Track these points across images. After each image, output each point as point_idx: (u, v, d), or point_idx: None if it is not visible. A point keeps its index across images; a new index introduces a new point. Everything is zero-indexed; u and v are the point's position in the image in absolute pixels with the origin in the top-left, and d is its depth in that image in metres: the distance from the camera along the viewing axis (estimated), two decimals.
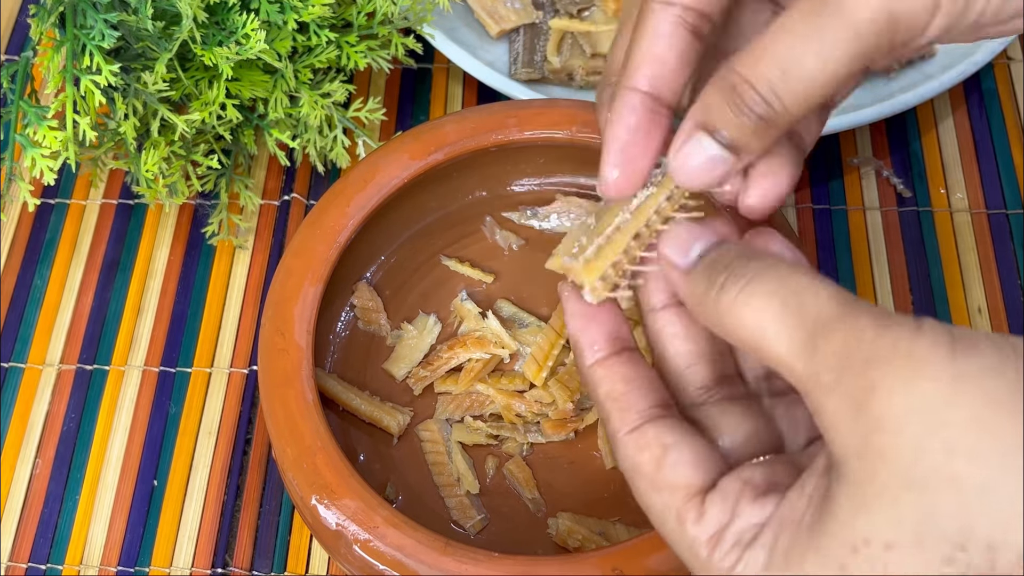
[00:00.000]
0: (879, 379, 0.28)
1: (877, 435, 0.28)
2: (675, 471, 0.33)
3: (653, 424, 0.34)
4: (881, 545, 0.28)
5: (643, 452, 0.34)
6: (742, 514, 0.32)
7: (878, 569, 0.28)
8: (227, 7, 0.51)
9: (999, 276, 0.56)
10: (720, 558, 0.32)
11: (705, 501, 0.33)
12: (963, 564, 0.27)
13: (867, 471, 0.28)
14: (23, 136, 0.50)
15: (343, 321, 0.52)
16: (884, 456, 0.28)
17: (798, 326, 0.30)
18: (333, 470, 0.43)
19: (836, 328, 0.29)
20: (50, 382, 0.54)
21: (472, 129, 0.52)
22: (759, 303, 0.31)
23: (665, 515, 0.33)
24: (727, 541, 0.32)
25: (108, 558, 0.50)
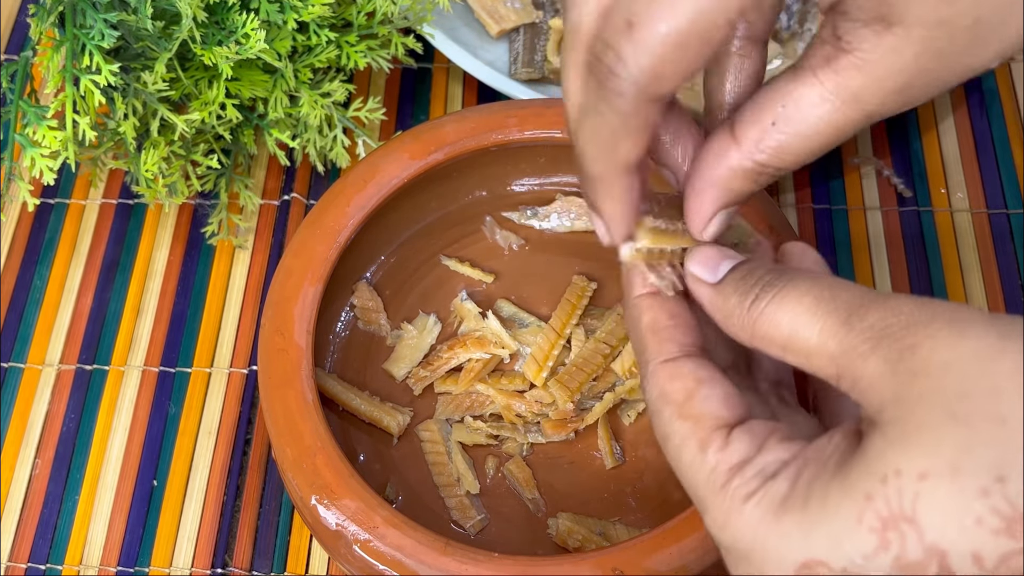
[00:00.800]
0: (921, 340, 0.28)
1: (919, 380, 0.28)
2: (706, 403, 0.33)
3: (690, 359, 0.35)
4: (914, 475, 0.27)
5: (675, 381, 0.34)
6: (768, 449, 0.32)
7: (907, 498, 0.27)
8: (227, 7, 0.51)
9: (1000, 276, 0.56)
10: (739, 485, 0.31)
11: (731, 434, 0.32)
12: (999, 496, 0.26)
13: (905, 411, 0.28)
14: (23, 136, 0.50)
15: (343, 321, 0.52)
16: (924, 397, 0.28)
17: (832, 311, 0.31)
18: (333, 470, 0.43)
19: (872, 307, 0.30)
20: (49, 382, 0.54)
21: (472, 129, 0.52)
22: (793, 303, 0.32)
23: (686, 443, 0.33)
24: (749, 471, 0.31)
25: (108, 558, 0.50)
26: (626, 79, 0.32)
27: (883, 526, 0.28)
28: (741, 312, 0.34)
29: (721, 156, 0.35)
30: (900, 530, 0.28)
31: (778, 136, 0.34)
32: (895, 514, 0.28)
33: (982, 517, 0.27)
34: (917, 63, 0.32)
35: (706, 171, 0.35)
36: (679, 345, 0.35)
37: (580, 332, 0.51)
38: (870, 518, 0.28)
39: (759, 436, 0.32)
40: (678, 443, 0.33)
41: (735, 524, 0.31)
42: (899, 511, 0.28)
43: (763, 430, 0.32)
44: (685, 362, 0.35)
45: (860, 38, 0.32)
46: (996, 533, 0.27)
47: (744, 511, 0.31)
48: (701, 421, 0.33)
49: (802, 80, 0.33)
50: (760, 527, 0.30)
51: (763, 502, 0.31)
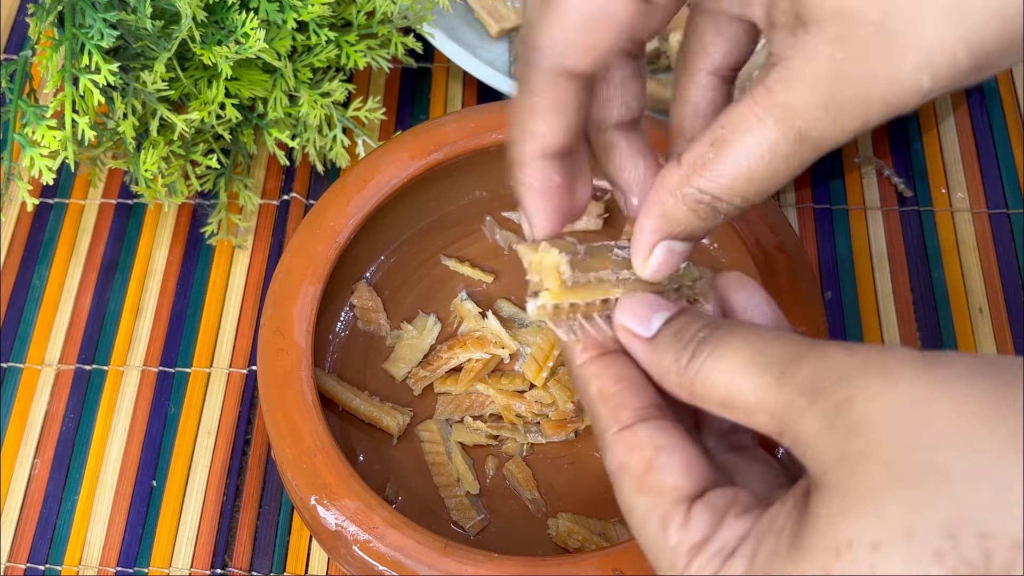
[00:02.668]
0: (854, 392, 0.28)
1: (856, 440, 0.28)
2: (664, 475, 0.33)
3: (646, 424, 0.34)
4: (866, 545, 0.27)
5: (633, 452, 0.33)
6: (727, 526, 0.31)
7: (863, 570, 0.27)
8: (226, 6, 0.51)
9: (1000, 276, 0.56)
10: (700, 566, 0.31)
11: (691, 509, 0.32)
12: (954, 558, 0.26)
13: (847, 475, 0.28)
14: (22, 135, 0.50)
15: (343, 321, 0.52)
16: (865, 458, 0.27)
17: (766, 368, 0.30)
18: (332, 470, 0.43)
19: (803, 360, 0.30)
20: (49, 382, 0.54)
21: (472, 128, 0.52)
22: (727, 360, 0.32)
23: (648, 518, 0.33)
24: (709, 550, 0.31)
25: (107, 558, 0.50)
26: (537, 51, 0.33)
27: None
28: (678, 370, 0.33)
29: (663, 179, 0.34)
30: None
31: (713, 159, 0.33)
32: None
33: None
34: (834, 68, 0.31)
35: (650, 195, 0.35)
36: (632, 411, 0.34)
37: None
38: None
39: (719, 510, 0.32)
40: (641, 517, 0.33)
41: None
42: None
43: (723, 503, 0.32)
44: (640, 428, 0.34)
45: (783, 45, 0.31)
46: None
47: None
48: (662, 495, 0.32)
49: (740, 101, 0.32)
50: None
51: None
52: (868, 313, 0.55)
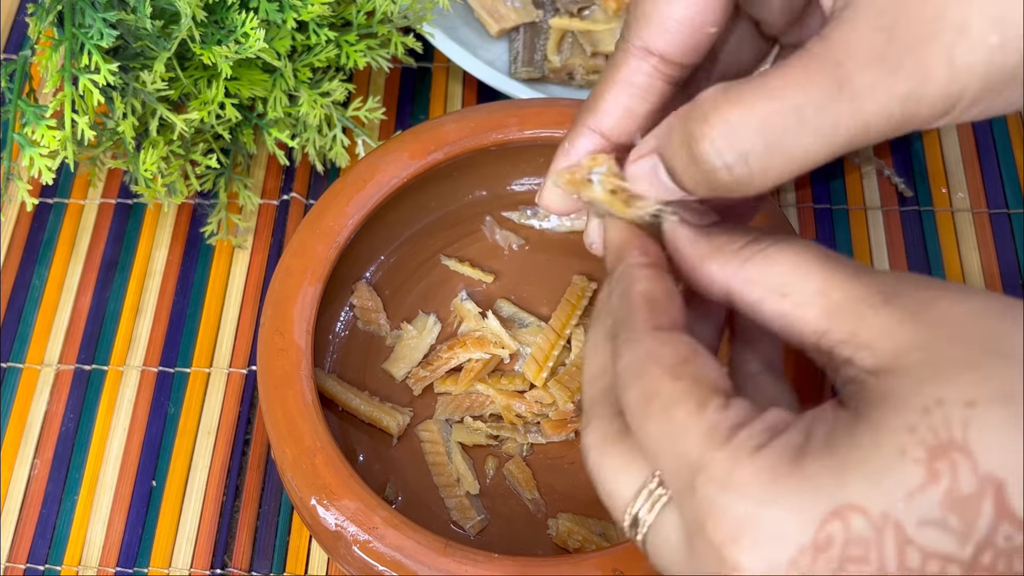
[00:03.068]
0: (939, 295, 0.28)
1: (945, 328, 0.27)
2: (703, 368, 0.30)
3: (683, 334, 0.31)
4: (960, 403, 0.25)
5: (667, 346, 0.30)
6: (773, 413, 0.29)
7: (956, 426, 0.25)
8: (226, 6, 0.51)
9: (1001, 276, 0.56)
10: (748, 436, 0.28)
11: (731, 400, 0.29)
12: None
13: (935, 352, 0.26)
14: (21, 135, 0.50)
15: (342, 321, 0.52)
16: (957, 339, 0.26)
17: (840, 267, 0.29)
18: (332, 471, 0.43)
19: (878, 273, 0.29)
20: (48, 382, 0.54)
21: (472, 128, 0.51)
22: (798, 250, 0.30)
23: (679, 401, 0.29)
24: (758, 425, 0.28)
25: (107, 558, 0.50)
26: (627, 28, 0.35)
27: (930, 457, 0.25)
28: (728, 252, 0.31)
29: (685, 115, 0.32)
30: (951, 459, 0.25)
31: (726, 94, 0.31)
32: (943, 442, 0.25)
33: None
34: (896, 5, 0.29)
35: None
36: (672, 319, 0.31)
37: (580, 332, 0.51)
38: (915, 449, 0.25)
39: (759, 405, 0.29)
40: (667, 402, 0.29)
41: (742, 478, 0.27)
42: (948, 439, 0.25)
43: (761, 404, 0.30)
44: (677, 335, 0.31)
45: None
46: None
47: (755, 461, 0.27)
48: (698, 382, 0.29)
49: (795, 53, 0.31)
50: (776, 477, 0.27)
51: (777, 452, 0.27)
52: None
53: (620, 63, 0.35)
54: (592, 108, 0.36)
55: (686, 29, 0.34)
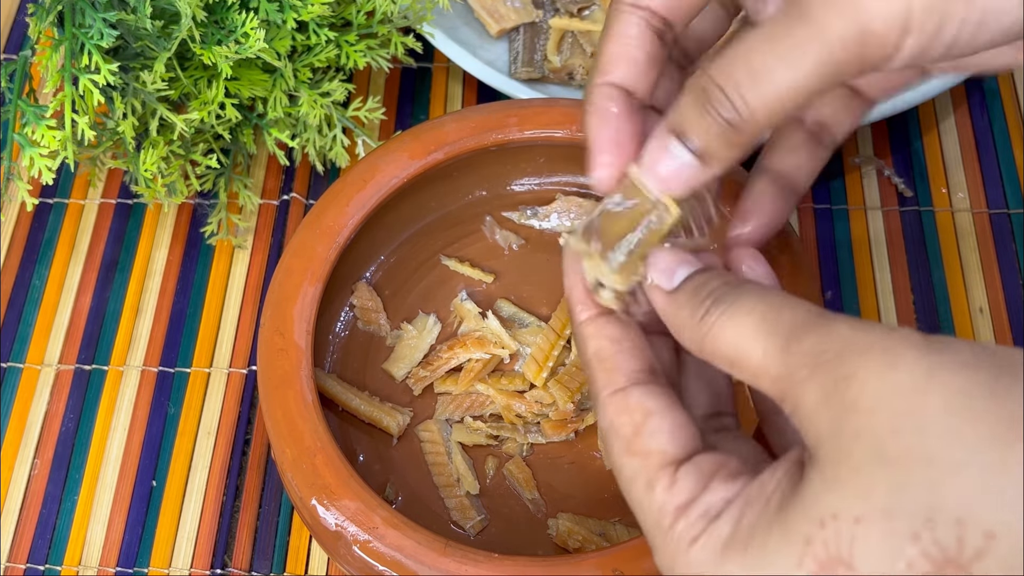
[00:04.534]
0: (854, 370, 0.29)
1: (852, 416, 0.28)
2: (653, 438, 0.33)
3: (638, 388, 0.35)
4: (850, 519, 0.28)
5: (623, 415, 0.34)
6: (713, 489, 0.32)
7: (844, 542, 0.28)
8: (226, 6, 0.51)
9: (1001, 276, 0.56)
10: (685, 528, 0.32)
11: (678, 471, 0.33)
12: (929, 540, 0.27)
13: (841, 451, 0.28)
14: (21, 135, 0.50)
15: (342, 321, 0.52)
16: (858, 435, 0.28)
17: (773, 333, 0.31)
18: (332, 471, 0.43)
19: (810, 330, 0.30)
20: (48, 382, 0.54)
21: (472, 128, 0.51)
22: (738, 320, 0.32)
23: (635, 480, 0.33)
24: (694, 512, 0.32)
25: (107, 559, 0.50)
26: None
27: (820, 568, 0.28)
28: (692, 324, 0.34)
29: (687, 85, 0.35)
30: (837, 573, 0.28)
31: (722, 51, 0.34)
32: (832, 557, 0.28)
33: (913, 561, 0.27)
34: None
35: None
36: (626, 374, 0.35)
37: None
38: (808, 562, 0.28)
39: (705, 473, 0.32)
40: (628, 478, 0.34)
41: (681, 566, 0.32)
42: (836, 554, 0.28)
43: (710, 466, 0.33)
44: (632, 392, 0.35)
45: None
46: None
47: (690, 554, 0.31)
48: (649, 458, 0.33)
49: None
50: (705, 570, 0.31)
51: (707, 545, 0.31)
52: (868, 313, 0.55)
53: (613, 20, 0.38)
54: (599, 67, 0.39)
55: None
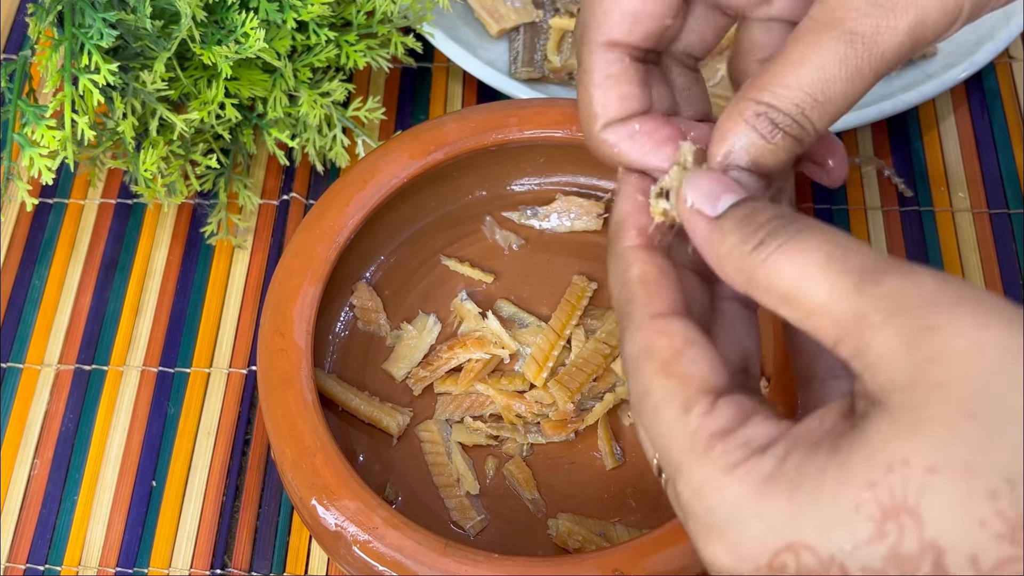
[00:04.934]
0: (944, 321, 0.27)
1: (936, 368, 0.27)
2: (694, 364, 0.31)
3: (680, 318, 0.33)
4: (923, 467, 0.26)
5: (662, 337, 0.32)
6: (756, 423, 0.30)
7: (912, 490, 0.26)
8: (226, 6, 0.51)
9: (1001, 276, 0.56)
10: (723, 453, 0.29)
11: (718, 401, 0.31)
12: (1006, 500, 0.26)
13: (920, 399, 0.27)
14: (21, 135, 0.50)
15: (342, 321, 0.52)
16: (943, 388, 0.27)
17: (845, 272, 0.29)
18: (332, 471, 0.43)
19: (888, 274, 0.29)
20: (48, 382, 0.54)
21: (472, 128, 0.51)
22: (802, 255, 0.30)
23: (668, 401, 0.31)
24: (734, 440, 0.30)
25: (106, 559, 0.50)
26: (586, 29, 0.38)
27: (883, 515, 0.27)
28: (740, 255, 0.31)
29: (728, 107, 0.35)
30: (900, 521, 0.27)
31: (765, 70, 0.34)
32: (897, 505, 0.27)
33: (987, 520, 0.26)
34: None
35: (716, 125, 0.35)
36: (668, 302, 0.33)
37: (580, 332, 0.51)
38: (869, 506, 0.27)
39: (746, 409, 0.31)
40: (657, 400, 0.31)
41: (712, 494, 0.29)
42: (902, 502, 0.26)
43: (750, 404, 0.31)
44: (674, 320, 0.33)
45: None
46: (998, 537, 0.26)
47: (725, 483, 0.29)
48: (688, 381, 0.31)
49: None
50: (742, 502, 0.29)
51: (748, 477, 0.29)
52: None
53: (591, 64, 0.38)
54: (589, 113, 0.38)
55: (641, 20, 0.37)
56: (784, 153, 0.34)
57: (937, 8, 0.33)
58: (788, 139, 0.34)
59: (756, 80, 0.34)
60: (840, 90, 0.33)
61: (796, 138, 0.34)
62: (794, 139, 0.34)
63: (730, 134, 0.34)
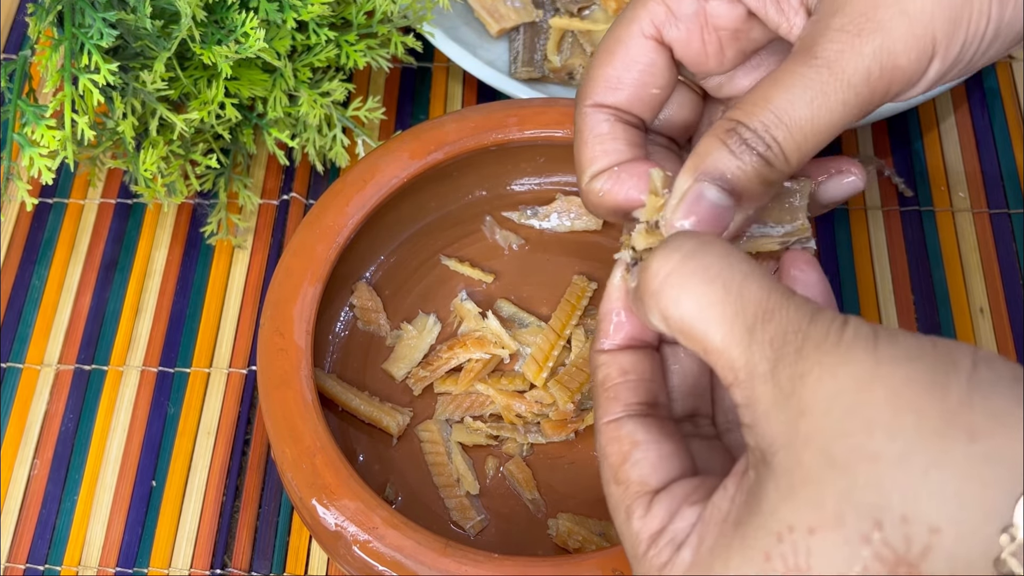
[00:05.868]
0: (808, 368, 0.29)
1: (803, 420, 0.28)
2: (635, 468, 0.34)
3: (631, 420, 0.36)
4: (804, 530, 0.28)
5: (613, 444, 0.35)
6: (681, 515, 0.32)
7: (801, 555, 0.28)
8: (226, 6, 0.51)
9: (1001, 276, 0.56)
10: (655, 555, 0.32)
11: (654, 500, 0.33)
12: (879, 541, 0.27)
13: (793, 458, 0.29)
14: (21, 135, 0.50)
15: (342, 321, 0.52)
16: (809, 442, 0.28)
17: (739, 313, 0.30)
18: (332, 471, 0.43)
19: (775, 313, 0.30)
20: (48, 382, 0.54)
21: (472, 128, 0.51)
22: (699, 288, 0.31)
23: (618, 507, 0.34)
24: (663, 539, 0.32)
25: (106, 559, 0.50)
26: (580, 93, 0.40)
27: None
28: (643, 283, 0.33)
29: (709, 131, 0.36)
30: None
31: (747, 94, 0.36)
32: (791, 570, 0.28)
33: (868, 565, 0.27)
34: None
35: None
36: (623, 405, 0.36)
37: (580, 332, 0.51)
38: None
39: (677, 500, 0.33)
40: (613, 505, 0.35)
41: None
42: (795, 567, 0.28)
43: (683, 492, 0.33)
44: (625, 423, 0.35)
45: None
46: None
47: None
48: (629, 487, 0.34)
49: None
50: None
51: (674, 571, 0.32)
52: (869, 313, 0.55)
53: (582, 124, 0.40)
54: (579, 170, 0.40)
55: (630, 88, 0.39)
56: (752, 171, 0.35)
57: (904, 35, 0.34)
58: (755, 157, 0.35)
59: (737, 102, 0.36)
60: (805, 115, 0.34)
61: (763, 158, 0.35)
62: (761, 158, 0.35)
63: (703, 148, 0.36)
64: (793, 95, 0.34)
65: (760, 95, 0.35)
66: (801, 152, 0.35)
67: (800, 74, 0.34)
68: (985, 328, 0.55)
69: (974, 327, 0.55)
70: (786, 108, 0.34)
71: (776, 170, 0.35)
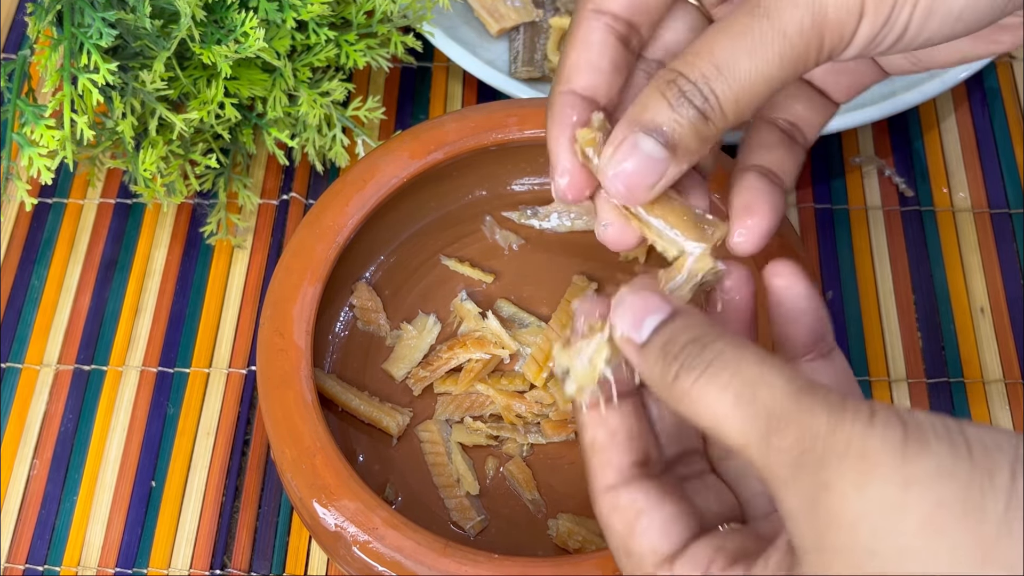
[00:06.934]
0: (833, 479, 0.28)
1: (833, 533, 0.28)
2: (645, 537, 0.34)
3: (627, 487, 0.35)
4: None
5: (615, 514, 0.35)
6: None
7: None
8: (226, 5, 0.51)
9: (1002, 276, 0.56)
10: None
11: (674, 566, 0.33)
12: None
13: (824, 565, 0.28)
14: (20, 135, 0.50)
15: (342, 321, 0.52)
16: (839, 554, 0.28)
17: (752, 419, 0.30)
18: (332, 471, 0.43)
19: (790, 423, 0.29)
20: (47, 382, 0.54)
21: (472, 128, 0.51)
22: (714, 396, 0.31)
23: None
24: None
25: (106, 559, 0.50)
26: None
27: None
28: (664, 385, 0.32)
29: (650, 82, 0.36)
30: None
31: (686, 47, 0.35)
32: None
33: None
34: None
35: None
36: (617, 469, 0.35)
37: None
38: None
39: (702, 564, 0.33)
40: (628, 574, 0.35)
41: None
42: None
43: (705, 556, 0.33)
44: (623, 492, 0.35)
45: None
46: None
47: None
48: (644, 558, 0.34)
49: None
50: None
51: None
52: (869, 313, 0.55)
53: (576, 26, 0.39)
54: (561, 74, 0.39)
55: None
56: (688, 125, 0.35)
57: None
58: (692, 110, 0.34)
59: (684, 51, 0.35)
60: (745, 67, 0.34)
61: (700, 111, 0.34)
62: (698, 112, 0.34)
63: (643, 98, 0.35)
64: (736, 44, 0.34)
65: (705, 44, 0.34)
66: (739, 106, 0.34)
67: (743, 24, 0.34)
68: (985, 328, 0.55)
69: (974, 327, 0.55)
70: (727, 59, 0.34)
71: (712, 124, 0.35)
